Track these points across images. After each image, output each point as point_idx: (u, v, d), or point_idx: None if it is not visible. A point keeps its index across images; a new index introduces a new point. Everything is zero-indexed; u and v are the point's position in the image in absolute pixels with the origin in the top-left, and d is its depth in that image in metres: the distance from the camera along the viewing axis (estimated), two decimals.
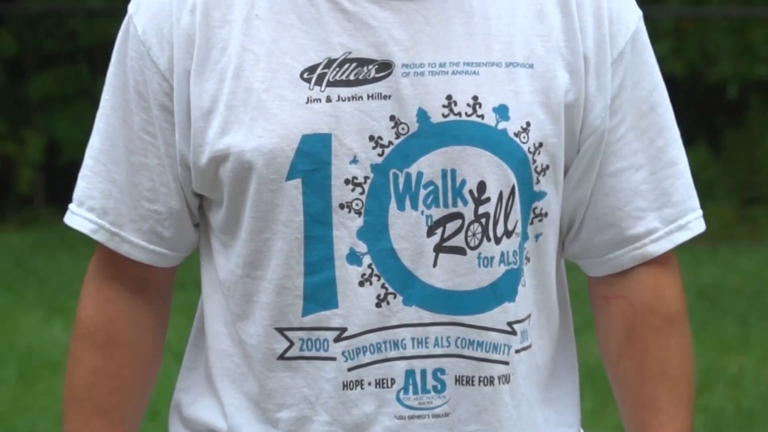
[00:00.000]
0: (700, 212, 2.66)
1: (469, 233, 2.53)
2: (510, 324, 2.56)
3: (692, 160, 2.75)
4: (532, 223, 2.58)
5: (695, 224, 2.61)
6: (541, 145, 2.55)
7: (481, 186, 2.52)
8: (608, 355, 2.69)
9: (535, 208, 2.57)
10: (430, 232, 2.52)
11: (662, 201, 2.65)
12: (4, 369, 10.76)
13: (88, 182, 2.62)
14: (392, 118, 2.51)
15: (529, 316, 2.60)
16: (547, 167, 2.57)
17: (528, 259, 2.60)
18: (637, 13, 2.64)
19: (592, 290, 2.71)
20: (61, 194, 17.04)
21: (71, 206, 2.63)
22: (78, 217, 2.60)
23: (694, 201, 2.65)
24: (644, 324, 2.66)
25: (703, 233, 2.62)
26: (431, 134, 2.53)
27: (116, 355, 2.67)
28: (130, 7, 2.60)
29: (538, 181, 2.55)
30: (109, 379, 2.67)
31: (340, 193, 2.52)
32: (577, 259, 2.69)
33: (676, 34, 17.50)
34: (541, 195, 2.56)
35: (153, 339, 2.71)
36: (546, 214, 2.58)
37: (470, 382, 2.55)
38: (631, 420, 2.69)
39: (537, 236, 2.59)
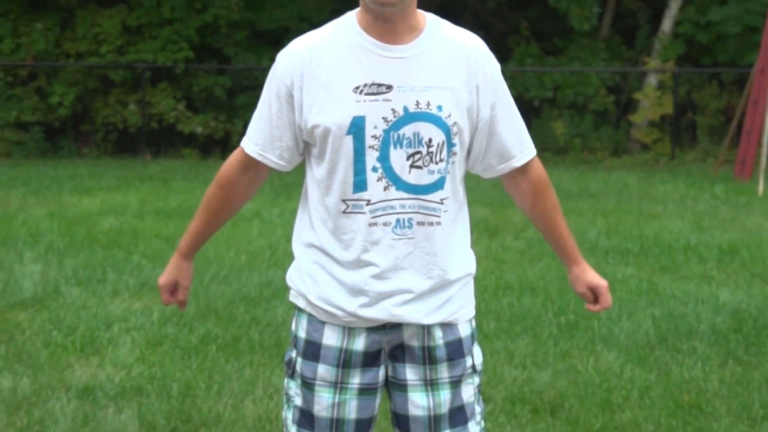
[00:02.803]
0: (533, 147, 2.65)
1: (424, 160, 2.50)
2: (441, 200, 2.53)
3: None
4: (451, 156, 2.53)
5: (532, 151, 2.63)
6: (455, 123, 2.50)
7: (430, 140, 2.50)
8: (526, 208, 2.72)
9: (452, 150, 2.52)
10: (407, 159, 2.50)
11: (518, 143, 2.60)
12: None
13: (251, 132, 2.59)
14: (392, 109, 2.48)
15: (449, 197, 2.55)
16: (457, 133, 2.51)
17: (449, 172, 2.54)
18: (498, 65, 2.61)
19: (505, 183, 2.71)
20: None
21: (243, 140, 2.60)
22: (247, 146, 2.57)
23: (530, 143, 2.65)
24: (540, 189, 2.65)
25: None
26: (409, 117, 2.49)
27: (224, 191, 2.64)
28: (277, 58, 2.55)
29: (453, 139, 2.51)
30: (218, 199, 2.66)
31: (369, 141, 2.48)
32: (481, 173, 2.66)
33: (511, 78, 17.26)
34: (455, 144, 2.52)
35: (245, 193, 2.67)
36: (456, 153, 2.53)
37: (422, 224, 2.52)
38: (547, 232, 2.72)
39: (453, 162, 2.54)
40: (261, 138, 2.58)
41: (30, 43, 17.04)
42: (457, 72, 2.53)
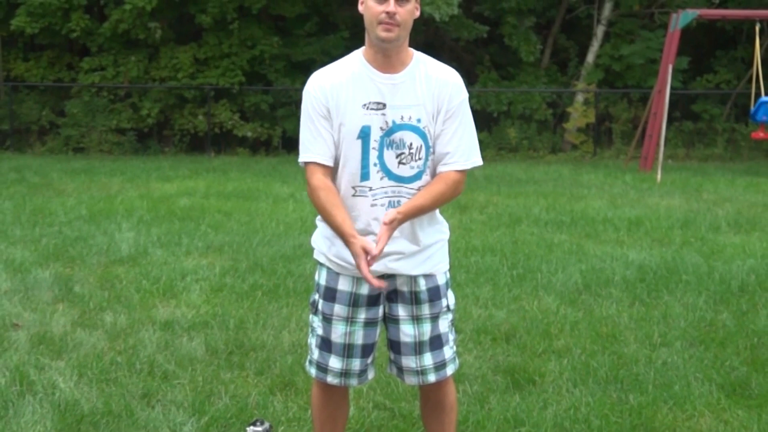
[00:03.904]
0: (461, 164, 2.50)
1: (408, 158, 2.45)
2: (418, 188, 2.48)
3: (481, 137, 2.76)
4: (430, 156, 2.48)
5: (458, 166, 2.48)
6: (429, 131, 2.45)
7: (410, 144, 2.44)
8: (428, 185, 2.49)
9: (430, 151, 2.47)
10: (396, 157, 2.45)
11: (454, 156, 2.48)
12: (266, 200, 9.54)
13: (313, 148, 2.44)
14: (386, 121, 2.43)
15: (425, 184, 2.48)
16: (431, 138, 2.46)
17: (429, 167, 2.49)
18: (464, 95, 2.52)
19: (437, 173, 2.50)
20: (287, 146, 16.56)
21: (310, 156, 2.46)
22: (318, 159, 2.46)
23: (464, 160, 2.50)
24: (441, 178, 2.47)
25: (484, 158, 2.60)
26: (397, 127, 2.43)
27: (332, 190, 2.45)
28: (311, 89, 2.46)
29: (430, 143, 2.46)
30: (335, 197, 2.44)
31: (372, 144, 2.43)
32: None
33: (477, 96, 17.22)
34: (432, 147, 2.47)
35: (334, 189, 2.47)
36: (435, 152, 2.48)
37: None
38: (420, 192, 2.48)
39: (430, 159, 2.49)
40: (323, 149, 2.48)
41: (126, 70, 17.02)
42: (428, 96, 2.48)
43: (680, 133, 17.49)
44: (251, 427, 2.78)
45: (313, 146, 2.48)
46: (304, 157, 2.50)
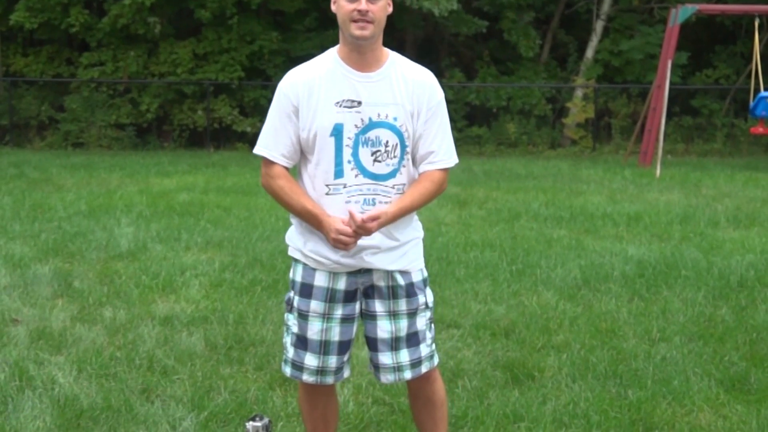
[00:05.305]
0: (442, 163, 2.53)
1: (383, 156, 2.45)
2: (393, 185, 2.48)
3: (476, 133, 2.67)
4: (405, 154, 2.49)
5: (437, 164, 2.51)
6: (406, 130, 2.46)
7: (387, 142, 2.45)
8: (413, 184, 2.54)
9: (405, 149, 2.48)
10: (372, 155, 2.45)
11: (434, 156, 2.51)
12: (265, 196, 10.41)
13: (263, 140, 2.49)
14: (361, 119, 2.43)
15: (403, 184, 2.50)
16: (409, 137, 2.47)
17: (404, 166, 2.49)
18: (441, 95, 2.54)
19: (419, 172, 2.54)
20: None
21: (257, 148, 2.51)
22: (260, 151, 2.49)
23: (443, 159, 2.53)
24: (424, 177, 2.51)
25: (478, 152, 2.56)
26: (372, 125, 2.43)
27: (291, 179, 2.48)
28: (283, 86, 2.47)
29: (406, 141, 2.47)
30: (296, 185, 2.48)
31: (345, 142, 2.43)
32: (415, 165, 2.54)
33: (477, 91, 17.20)
34: (407, 146, 2.48)
35: (293, 179, 2.48)
36: (409, 152, 2.49)
37: (382, 202, 2.47)
38: (407, 191, 2.53)
39: (408, 159, 2.50)
40: (279, 148, 2.50)
41: (126, 66, 17.01)
42: (406, 96, 2.49)
43: (679, 129, 17.52)
44: (250, 423, 2.77)
45: (270, 143, 2.50)
46: (260, 150, 2.52)
